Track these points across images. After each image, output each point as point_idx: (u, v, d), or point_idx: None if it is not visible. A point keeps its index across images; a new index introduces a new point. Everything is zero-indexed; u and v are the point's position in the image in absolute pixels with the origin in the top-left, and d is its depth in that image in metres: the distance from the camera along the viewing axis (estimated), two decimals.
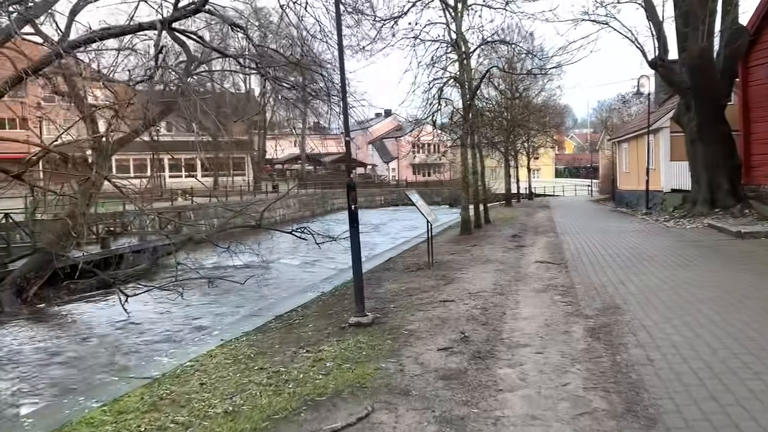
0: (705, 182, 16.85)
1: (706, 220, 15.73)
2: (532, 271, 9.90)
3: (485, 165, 49.85)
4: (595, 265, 10.23)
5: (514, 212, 27.43)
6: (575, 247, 12.92)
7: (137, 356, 8.75)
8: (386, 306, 7.53)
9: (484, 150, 38.38)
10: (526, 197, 44.31)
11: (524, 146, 41.02)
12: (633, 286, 8.03)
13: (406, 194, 10.44)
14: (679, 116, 18.02)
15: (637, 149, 25.61)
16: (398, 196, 60.83)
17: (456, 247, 13.93)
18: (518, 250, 12.90)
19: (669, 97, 24.24)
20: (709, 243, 12.42)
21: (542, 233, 16.74)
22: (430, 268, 10.54)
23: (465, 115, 15.65)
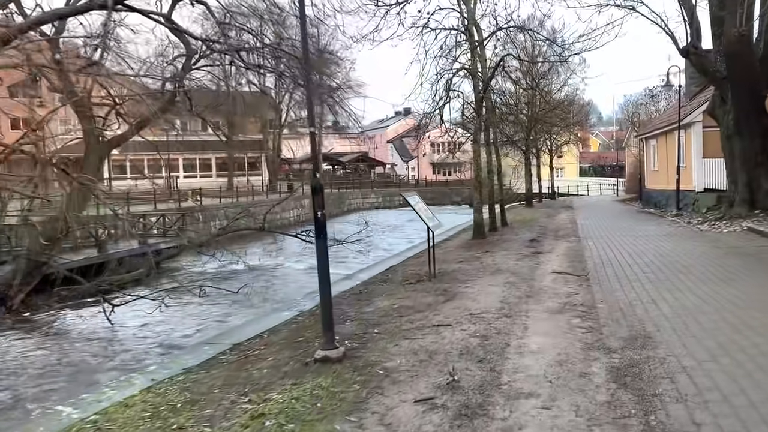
0: (743, 181, 15.32)
1: (745, 222, 14.23)
2: (548, 285, 8.61)
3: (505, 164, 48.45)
4: (621, 277, 8.90)
5: (534, 213, 26.02)
6: (598, 255, 11.57)
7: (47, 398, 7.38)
8: (368, 331, 6.32)
9: (503, 148, 37.06)
10: (549, 197, 42.72)
11: (546, 144, 39.52)
12: (667, 307, 6.70)
13: (402, 196, 9.21)
14: (714, 109, 16.50)
15: (667, 146, 24.01)
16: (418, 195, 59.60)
17: (465, 254, 12.66)
18: (534, 258, 11.59)
19: (701, 89, 22.61)
20: (752, 250, 10.98)
21: (562, 237, 15.37)
22: (431, 280, 9.30)
23: (477, 110, 14.36)
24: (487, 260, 11.52)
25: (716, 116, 16.43)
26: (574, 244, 13.82)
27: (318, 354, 5.21)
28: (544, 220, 21.61)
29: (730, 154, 15.81)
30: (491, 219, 17.72)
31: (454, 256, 12.39)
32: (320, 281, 5.30)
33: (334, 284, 10.26)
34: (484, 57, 15.31)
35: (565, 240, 14.67)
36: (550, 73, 26.53)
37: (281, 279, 17.43)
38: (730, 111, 15.48)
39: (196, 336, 10.33)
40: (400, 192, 60.42)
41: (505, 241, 14.66)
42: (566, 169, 70.84)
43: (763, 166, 15.05)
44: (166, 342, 10.49)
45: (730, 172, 15.95)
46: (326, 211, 24.00)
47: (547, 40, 13.77)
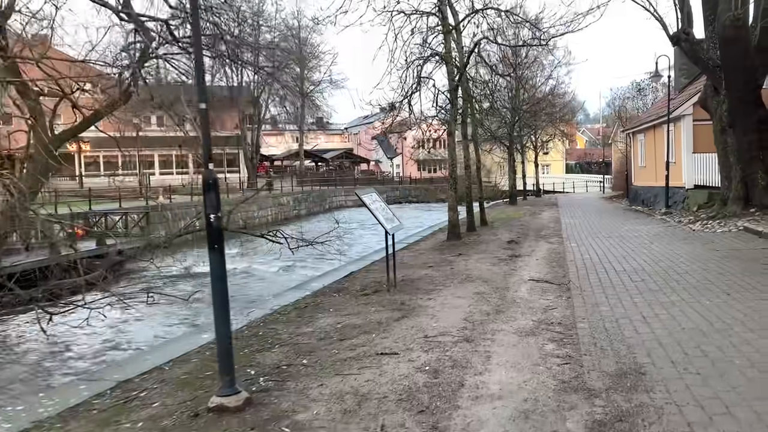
0: (737, 177, 14.25)
1: (740, 222, 13.16)
2: (523, 296, 7.43)
3: (490, 160, 47.37)
4: (607, 286, 7.74)
5: (517, 211, 24.89)
6: (582, 258, 10.42)
7: None
8: (295, 362, 5.10)
9: (485, 144, 35.96)
10: (534, 194, 41.70)
11: (531, 140, 38.48)
12: (661, 328, 5.54)
13: (356, 194, 7.99)
14: (706, 100, 15.42)
15: (655, 141, 22.97)
16: (401, 193, 58.49)
17: (436, 257, 11.47)
18: (511, 262, 10.42)
19: (691, 81, 21.61)
20: (752, 253, 9.87)
21: (544, 238, 14.23)
22: (390, 290, 8.08)
23: (452, 99, 13.17)
24: (459, 265, 10.33)
25: (709, 108, 15.35)
26: (556, 245, 12.68)
27: (212, 401, 3.98)
28: (526, 219, 20.48)
29: (724, 148, 14.74)
30: (469, 217, 16.55)
31: (424, 260, 11.20)
32: (215, 312, 4.06)
33: (279, 295, 9.03)
34: (460, 43, 14.11)
35: (546, 241, 13.53)
36: (534, 65, 25.50)
37: (243, 283, 16.14)
38: (723, 102, 14.40)
39: (89, 361, 9.12)
40: (399, 188, 59.37)
41: (481, 243, 13.49)
42: (552, 165, 69.96)
43: (759, 161, 13.99)
44: (52, 368, 9.13)
45: (723, 168, 14.89)
46: (309, 208, 22.69)
47: (526, 21, 12.57)
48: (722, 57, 13.85)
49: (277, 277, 16.94)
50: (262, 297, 11.33)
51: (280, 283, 15.15)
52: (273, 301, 7.98)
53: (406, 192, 59.08)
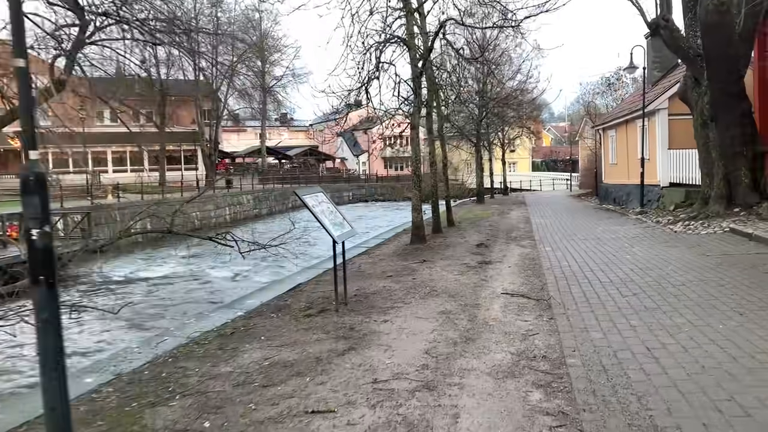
0: (720, 174, 13.32)
1: (725, 222, 12.21)
2: (496, 316, 6.19)
3: (457, 157, 46.35)
4: (594, 302, 6.55)
5: (485, 210, 23.80)
6: (560, 265, 9.26)
7: None
8: (192, 427, 3.74)
9: (452, 141, 34.87)
10: (501, 192, 40.85)
11: (499, 137, 37.56)
12: (675, 365, 4.35)
13: (295, 194, 6.63)
14: (686, 92, 14.48)
15: (627, 137, 22.12)
16: (367, 191, 57.19)
17: (398, 265, 10.18)
18: (481, 270, 9.19)
19: (664, 74, 20.79)
20: (747, 259, 8.83)
21: (516, 240, 13.08)
22: (339, 310, 6.75)
23: (415, 88, 11.89)
24: (423, 274, 9.06)
25: (688, 100, 14.41)
26: (529, 249, 11.53)
27: None
28: (495, 219, 19.37)
29: (705, 143, 13.81)
30: (435, 218, 15.32)
31: (383, 268, 9.89)
32: (43, 380, 2.67)
33: (203, 318, 7.57)
34: (424, 28, 12.83)
35: (518, 244, 12.37)
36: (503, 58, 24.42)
37: (183, 292, 14.59)
38: (705, 93, 13.46)
39: None
40: (365, 186, 57.87)
41: (448, 247, 12.26)
42: (519, 163, 69.56)
43: (742, 158, 13.09)
44: None
45: (704, 164, 13.95)
46: (270, 207, 20.52)
47: (496, 1, 11.34)
48: (704, 45, 12.89)
49: (226, 284, 15.45)
50: (191, 312, 9.93)
51: (225, 292, 13.70)
52: (194, 325, 6.55)
53: (372, 190, 57.78)
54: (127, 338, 9.25)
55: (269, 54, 52.82)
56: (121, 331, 10.19)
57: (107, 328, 10.23)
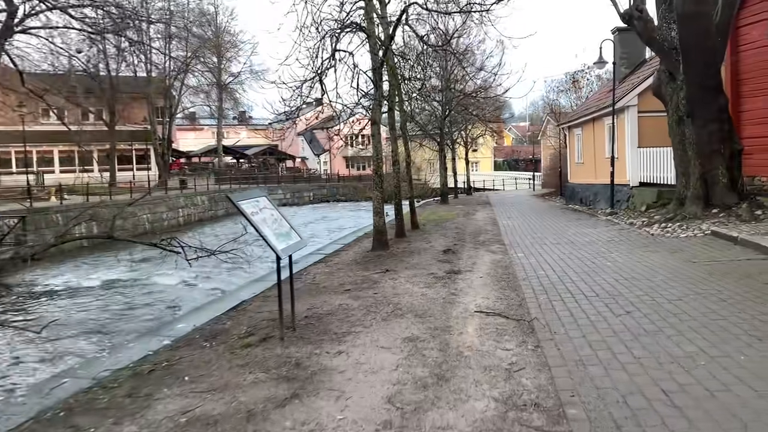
0: (696, 173, 12.66)
1: (705, 225, 11.52)
2: (472, 343, 5.20)
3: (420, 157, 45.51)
4: (584, 324, 5.62)
5: (450, 211, 22.94)
6: (536, 275, 8.35)
7: None
8: None
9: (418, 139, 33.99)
10: (465, 192, 40.22)
11: (462, 136, 36.88)
12: (706, 420, 3.41)
13: (228, 199, 5.49)
14: (660, 87, 13.79)
15: (594, 135, 21.53)
16: (329, 191, 55.95)
17: (357, 276, 9.12)
18: (450, 282, 8.21)
19: (632, 71, 20.25)
20: (739, 267, 8.06)
21: (484, 245, 12.17)
22: (284, 339, 5.64)
23: (375, 80, 10.86)
24: (385, 287, 8.03)
25: (663, 96, 13.74)
26: (500, 255, 10.61)
27: None
28: (461, 220, 18.49)
29: (681, 140, 13.14)
30: (398, 221, 14.32)
31: (341, 280, 8.82)
32: None
33: (120, 349, 6.37)
34: (385, 16, 11.80)
35: (487, 250, 11.46)
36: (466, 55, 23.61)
37: (122, 303, 13.23)
38: (681, 88, 12.79)
39: None
40: (326, 186, 56.35)
41: (413, 253, 11.26)
42: (481, 163, 69.26)
43: (719, 156, 12.44)
44: None
45: (680, 163, 13.28)
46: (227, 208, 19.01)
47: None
48: (680, 36, 12.20)
49: (169, 294, 14.12)
50: (119, 333, 8.69)
51: (165, 306, 12.39)
52: (108, 359, 5.37)
53: (333, 190, 56.54)
54: (38, 369, 7.91)
55: (225, 50, 51.08)
56: (37, 355, 8.83)
57: (22, 352, 8.88)
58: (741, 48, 14.69)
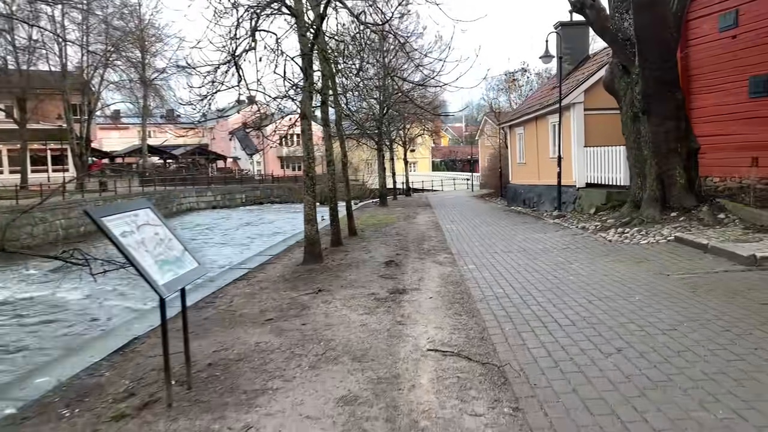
0: (653, 174, 11.84)
1: (666, 230, 10.66)
2: (429, 408, 3.85)
3: (358, 157, 44.13)
4: (568, 369, 4.38)
5: (390, 214, 21.69)
6: (494, 294, 7.12)
7: None
8: None
9: (355, 138, 32.61)
10: (404, 193, 39.15)
11: (400, 135, 35.78)
12: None
13: (87, 214, 3.93)
14: (613, 81, 12.93)
15: (537, 134, 20.74)
16: (263, 192, 53.78)
17: (283, 299, 7.63)
18: (395, 305, 6.86)
19: (576, 67, 19.55)
20: (721, 279, 7.09)
21: (430, 254, 10.92)
22: (172, 405, 4.13)
23: (305, 69, 9.40)
24: (317, 314, 6.60)
25: (616, 91, 12.89)
26: (449, 268, 9.37)
27: None
28: (401, 225, 17.23)
29: (636, 139, 12.30)
30: (334, 227, 12.90)
31: (263, 305, 7.31)
32: None
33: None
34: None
35: (434, 260, 10.20)
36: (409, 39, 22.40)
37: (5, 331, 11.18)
38: (636, 83, 11.94)
39: None
40: (259, 187, 53.83)
41: (350, 266, 9.86)
42: (419, 163, 68.55)
43: (676, 155, 11.68)
44: None
45: (635, 163, 12.44)
46: None
47: None
48: (636, 26, 11.31)
49: (55, 324, 12.06)
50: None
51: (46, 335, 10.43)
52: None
53: (268, 192, 54.38)
54: None
55: (150, 44, 48.11)
56: None
57: None
58: (691, 42, 14.04)
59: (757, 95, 12.48)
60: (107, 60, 42.07)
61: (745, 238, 8.99)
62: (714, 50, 13.56)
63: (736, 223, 10.17)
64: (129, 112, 59.48)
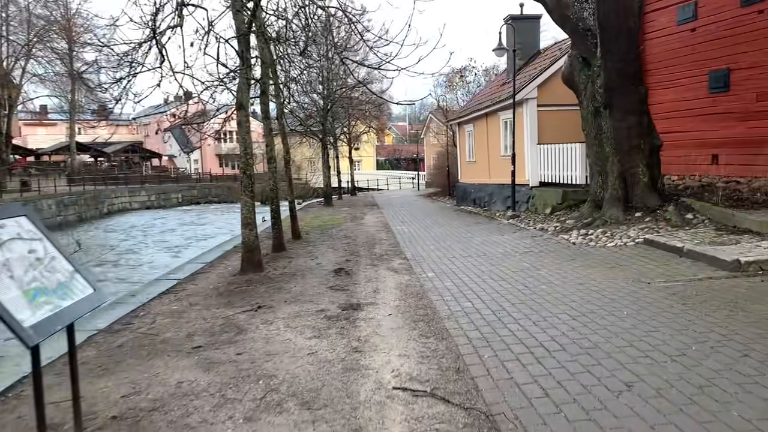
0: (615, 171, 11.24)
1: (632, 231, 10.04)
2: None
3: (300, 155, 42.73)
4: (574, 414, 3.47)
5: (335, 214, 20.63)
6: (462, 309, 6.21)
7: None
8: None
9: (298, 134, 31.34)
10: (349, 192, 38.13)
11: (345, 132, 34.73)
12: None
13: None
14: (572, 74, 12.29)
15: (488, 131, 20.10)
16: (200, 192, 51.64)
17: (216, 318, 6.48)
18: (348, 325, 5.84)
19: (527, 62, 18.98)
20: (713, 288, 6.40)
21: (383, 260, 9.95)
22: None
23: (241, 50, 8.24)
24: (255, 340, 5.50)
25: (575, 84, 12.25)
26: (405, 275, 8.42)
27: None
28: (349, 226, 16.21)
29: (597, 135, 11.68)
30: (276, 231, 11.75)
31: (191, 327, 6.14)
32: None
33: None
34: None
35: (389, 267, 9.23)
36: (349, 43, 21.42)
37: None
38: (598, 75, 11.31)
39: None
40: (196, 186, 51.35)
41: (295, 275, 8.76)
42: (364, 161, 67.54)
43: (639, 152, 11.11)
44: None
45: (596, 160, 11.81)
46: (80, 212, 14.08)
47: None
48: (599, 13, 10.67)
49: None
50: None
51: None
52: None
53: (205, 191, 52.26)
54: None
55: (77, 35, 45.23)
56: None
57: None
58: (648, 36, 13.58)
59: (716, 90, 12.10)
60: (29, 51, 39.29)
61: (721, 241, 8.41)
62: (672, 44, 13.15)
63: (705, 223, 9.63)
64: (56, 108, 56.10)
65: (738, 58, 11.61)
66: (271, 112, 13.25)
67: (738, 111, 11.65)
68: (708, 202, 10.41)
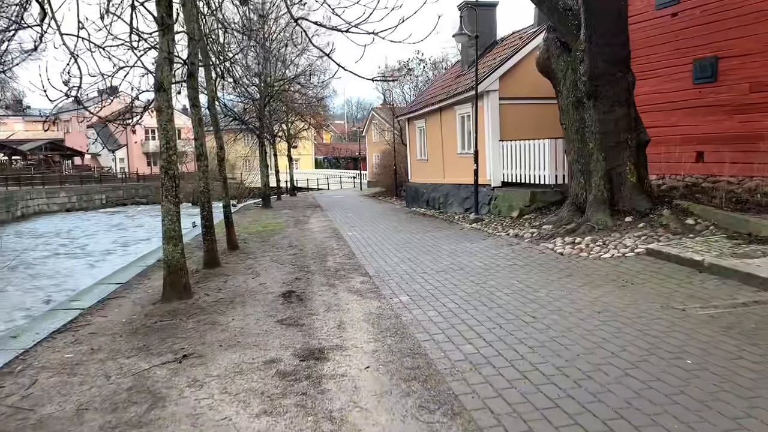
0: (600, 170, 9.93)
1: (628, 239, 8.71)
2: None
3: (234, 153, 40.27)
4: None
5: (276, 218, 18.70)
6: (464, 355, 4.60)
7: None
8: None
9: (231, 133, 29.12)
10: (289, 192, 36.05)
11: (283, 129, 32.69)
12: None
13: None
14: (549, 60, 10.90)
15: (442, 127, 18.64)
16: (126, 192, 48.21)
17: (123, 377, 4.60)
18: (312, 390, 4.12)
19: (483, 52, 17.62)
20: (756, 317, 5.05)
21: (340, 276, 8.25)
22: None
23: (161, 17, 6.36)
24: (176, 420, 3.71)
25: (552, 72, 10.87)
26: (373, 300, 6.76)
27: None
28: (293, 232, 14.37)
29: (579, 129, 10.34)
30: (208, 243, 9.82)
31: (84, 395, 4.25)
32: None
33: None
34: None
35: (349, 287, 7.53)
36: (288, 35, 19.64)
37: None
38: (581, 61, 9.96)
39: None
40: (122, 187, 47.62)
41: (232, 303, 6.92)
42: (302, 160, 65.25)
43: (626, 148, 9.85)
44: None
45: (577, 158, 10.46)
46: None
47: None
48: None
49: None
50: None
51: None
52: None
53: (132, 191, 48.83)
54: None
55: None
56: None
57: None
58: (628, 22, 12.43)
59: (703, 81, 11.03)
60: None
61: (743, 252, 7.15)
62: (650, 30, 12.05)
63: (712, 230, 8.40)
64: None
65: (727, 44, 10.55)
66: (202, 101, 11.33)
67: (727, 103, 10.61)
68: (707, 204, 9.22)
